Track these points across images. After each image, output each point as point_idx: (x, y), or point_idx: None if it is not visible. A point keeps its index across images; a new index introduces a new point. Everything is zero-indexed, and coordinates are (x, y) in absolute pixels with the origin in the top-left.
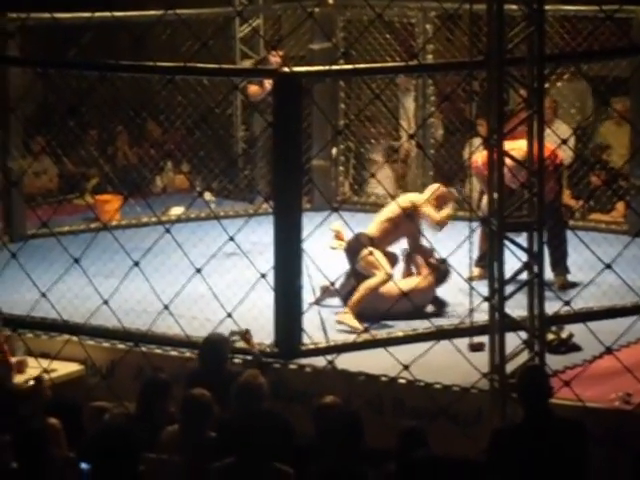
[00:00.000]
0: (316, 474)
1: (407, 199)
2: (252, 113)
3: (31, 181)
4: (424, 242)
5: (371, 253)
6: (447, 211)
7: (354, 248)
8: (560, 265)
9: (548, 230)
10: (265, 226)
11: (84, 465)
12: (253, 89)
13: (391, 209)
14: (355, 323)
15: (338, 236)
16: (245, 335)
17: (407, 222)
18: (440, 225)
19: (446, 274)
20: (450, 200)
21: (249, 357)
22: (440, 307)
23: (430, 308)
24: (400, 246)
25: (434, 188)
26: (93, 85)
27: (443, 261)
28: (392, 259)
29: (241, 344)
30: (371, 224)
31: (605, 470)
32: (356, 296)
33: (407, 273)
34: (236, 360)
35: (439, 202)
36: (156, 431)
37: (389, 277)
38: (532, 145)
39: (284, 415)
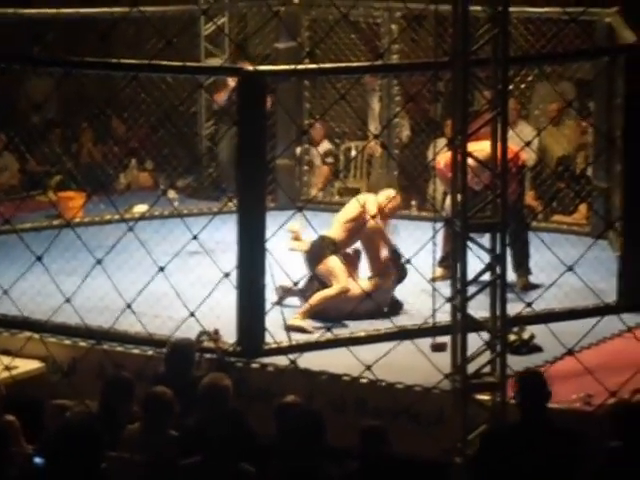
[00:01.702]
0: (277, 473)
1: (365, 198)
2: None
3: None
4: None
5: (336, 255)
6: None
7: (316, 251)
8: (522, 266)
9: (510, 232)
10: (229, 225)
11: (38, 460)
12: (219, 95)
13: (351, 209)
14: (304, 324)
15: (296, 237)
16: (213, 336)
17: (367, 223)
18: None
19: (404, 274)
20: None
21: (213, 356)
22: (397, 308)
23: (387, 309)
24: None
25: (390, 195)
26: (59, 82)
27: (407, 261)
28: (354, 259)
29: (209, 344)
30: (333, 225)
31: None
32: (309, 304)
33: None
34: (199, 359)
35: (390, 211)
36: (118, 429)
37: (345, 291)
38: (496, 146)
39: (243, 415)
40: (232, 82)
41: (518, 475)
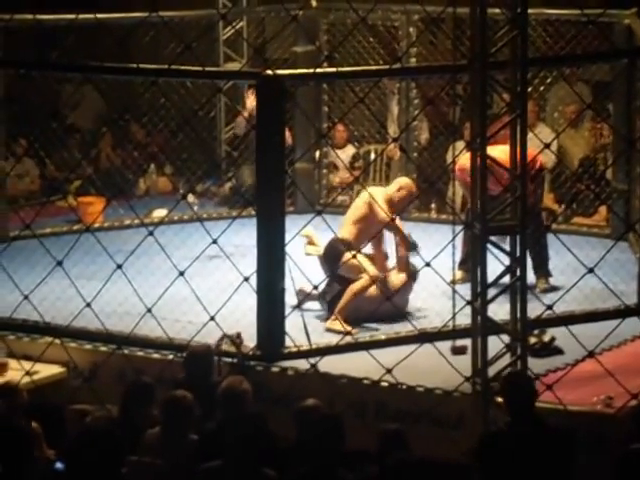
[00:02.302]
0: (297, 477)
1: (368, 194)
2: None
3: (13, 183)
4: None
5: (354, 256)
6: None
7: (332, 254)
8: (542, 269)
9: (529, 234)
10: (248, 229)
11: (59, 465)
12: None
13: (356, 208)
14: (342, 326)
15: (310, 241)
16: (235, 340)
17: (376, 219)
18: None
19: (415, 272)
20: (412, 199)
21: (234, 360)
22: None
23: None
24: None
25: (402, 182)
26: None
27: (427, 264)
28: (381, 258)
29: (230, 348)
30: (342, 227)
31: (586, 473)
32: (342, 301)
33: None
34: (217, 363)
35: (402, 198)
36: (139, 434)
37: (375, 279)
38: (515, 148)
39: (263, 418)
40: (251, 96)
41: (515, 476)
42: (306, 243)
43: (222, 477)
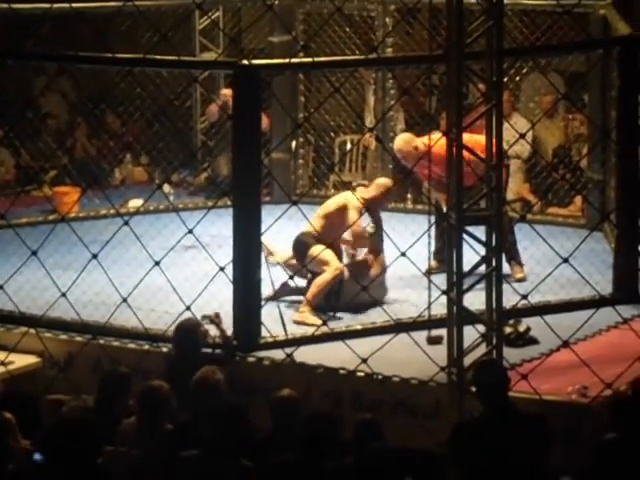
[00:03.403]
0: (273, 467)
1: (344, 197)
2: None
3: None
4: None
5: (330, 246)
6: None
7: (301, 248)
8: (515, 258)
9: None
10: (224, 219)
11: (37, 456)
12: (210, 109)
13: (330, 203)
14: (313, 320)
15: (268, 252)
16: (215, 319)
17: (342, 218)
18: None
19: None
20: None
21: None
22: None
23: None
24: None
25: (382, 183)
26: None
27: (403, 254)
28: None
29: (213, 329)
30: (312, 219)
31: (561, 462)
32: (309, 294)
33: None
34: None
35: (380, 198)
36: (114, 424)
37: (340, 271)
38: (491, 139)
39: (244, 408)
40: (225, 95)
41: (490, 464)
42: (266, 255)
43: (200, 466)
